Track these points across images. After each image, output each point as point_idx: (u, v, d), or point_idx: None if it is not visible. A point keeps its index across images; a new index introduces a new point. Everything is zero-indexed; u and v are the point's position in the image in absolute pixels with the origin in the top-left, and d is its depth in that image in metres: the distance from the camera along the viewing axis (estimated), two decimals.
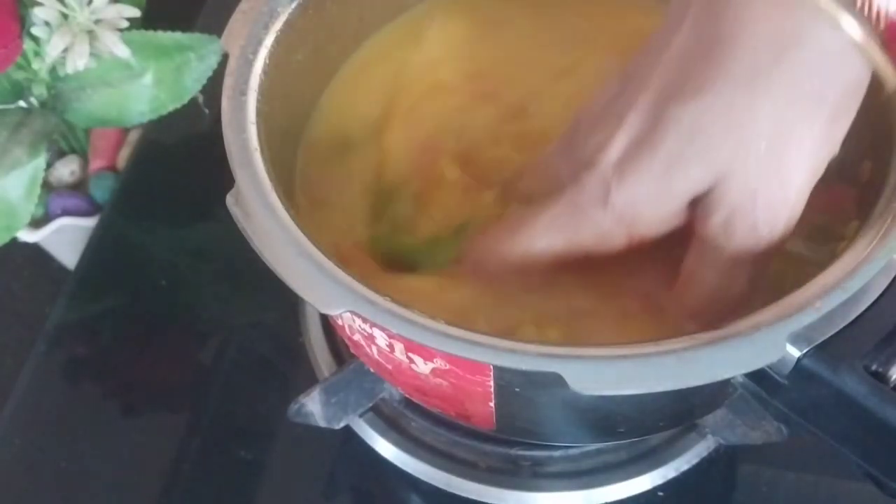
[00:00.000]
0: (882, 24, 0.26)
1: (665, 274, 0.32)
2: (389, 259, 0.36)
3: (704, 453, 0.42)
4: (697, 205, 0.29)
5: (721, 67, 0.27)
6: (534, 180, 0.34)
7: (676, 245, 0.31)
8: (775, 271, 0.33)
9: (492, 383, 0.30)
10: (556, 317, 0.32)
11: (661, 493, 0.42)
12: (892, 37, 0.26)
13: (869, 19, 0.26)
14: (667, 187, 0.29)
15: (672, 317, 0.31)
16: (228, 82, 0.34)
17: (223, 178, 0.31)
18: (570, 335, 0.31)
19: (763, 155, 0.27)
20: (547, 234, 0.31)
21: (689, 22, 0.28)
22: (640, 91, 0.29)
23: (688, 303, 0.31)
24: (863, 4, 0.26)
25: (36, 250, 0.59)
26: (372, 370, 0.39)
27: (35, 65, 0.50)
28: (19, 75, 0.51)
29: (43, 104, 0.52)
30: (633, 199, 0.29)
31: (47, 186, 0.58)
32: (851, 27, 0.26)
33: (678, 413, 0.37)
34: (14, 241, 0.51)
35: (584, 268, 0.31)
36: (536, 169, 0.34)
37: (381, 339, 0.31)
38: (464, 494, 0.42)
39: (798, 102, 0.27)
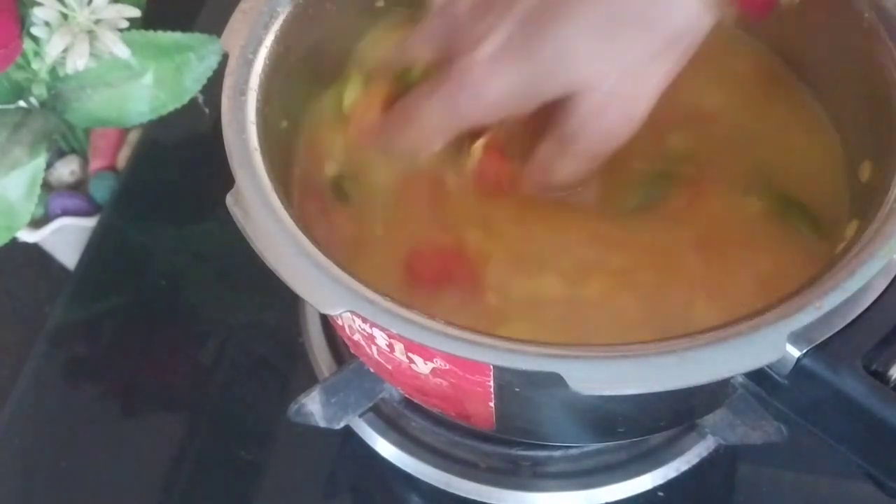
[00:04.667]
0: None
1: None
2: None
3: (704, 453, 0.42)
4: (558, 105, 0.34)
5: (597, 5, 0.32)
6: (420, 47, 0.38)
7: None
8: (776, 269, 0.33)
9: (492, 383, 0.30)
10: None
11: (661, 494, 0.42)
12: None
13: None
14: (532, 90, 0.34)
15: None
16: (228, 82, 0.34)
17: (223, 178, 0.31)
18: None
19: (618, 79, 0.33)
20: (434, 117, 0.36)
21: None
22: None
23: (534, 179, 0.37)
24: None
25: (36, 250, 0.59)
26: (372, 370, 0.39)
27: (35, 65, 0.50)
28: (19, 75, 0.51)
29: (43, 104, 0.52)
30: (500, 94, 0.34)
31: (47, 186, 0.58)
32: None
33: (678, 413, 0.37)
34: (14, 241, 0.51)
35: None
36: (423, 38, 0.38)
37: (381, 339, 0.31)
38: (464, 494, 0.42)
39: (654, 44, 0.33)
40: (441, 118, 0.36)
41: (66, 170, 0.59)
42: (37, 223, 0.57)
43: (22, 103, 0.52)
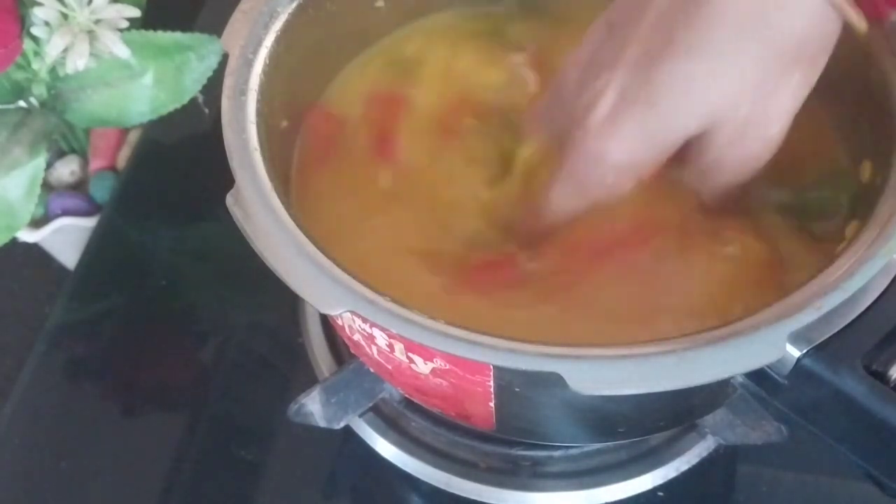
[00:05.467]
0: None
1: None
2: None
3: (704, 453, 0.42)
4: (692, 144, 0.32)
5: (710, 28, 0.30)
6: (534, 128, 0.37)
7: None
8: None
9: (492, 383, 0.30)
10: None
11: (661, 493, 0.42)
12: None
13: None
14: (660, 139, 0.31)
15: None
16: (228, 82, 0.34)
17: (223, 178, 0.31)
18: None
19: (750, 103, 0.31)
20: (567, 202, 0.34)
21: None
22: (626, 45, 0.31)
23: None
24: None
25: (36, 250, 0.59)
26: (372, 370, 0.39)
27: (35, 65, 0.50)
28: (19, 75, 0.51)
29: (43, 104, 0.52)
30: (626, 154, 0.32)
31: (47, 186, 0.58)
32: None
33: (678, 413, 0.37)
34: (14, 241, 0.51)
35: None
36: (534, 118, 0.37)
37: (381, 339, 0.31)
38: (464, 494, 0.42)
39: (779, 57, 0.30)
40: (571, 199, 0.33)
41: (66, 170, 0.59)
42: (37, 223, 0.57)
43: (22, 103, 0.52)
